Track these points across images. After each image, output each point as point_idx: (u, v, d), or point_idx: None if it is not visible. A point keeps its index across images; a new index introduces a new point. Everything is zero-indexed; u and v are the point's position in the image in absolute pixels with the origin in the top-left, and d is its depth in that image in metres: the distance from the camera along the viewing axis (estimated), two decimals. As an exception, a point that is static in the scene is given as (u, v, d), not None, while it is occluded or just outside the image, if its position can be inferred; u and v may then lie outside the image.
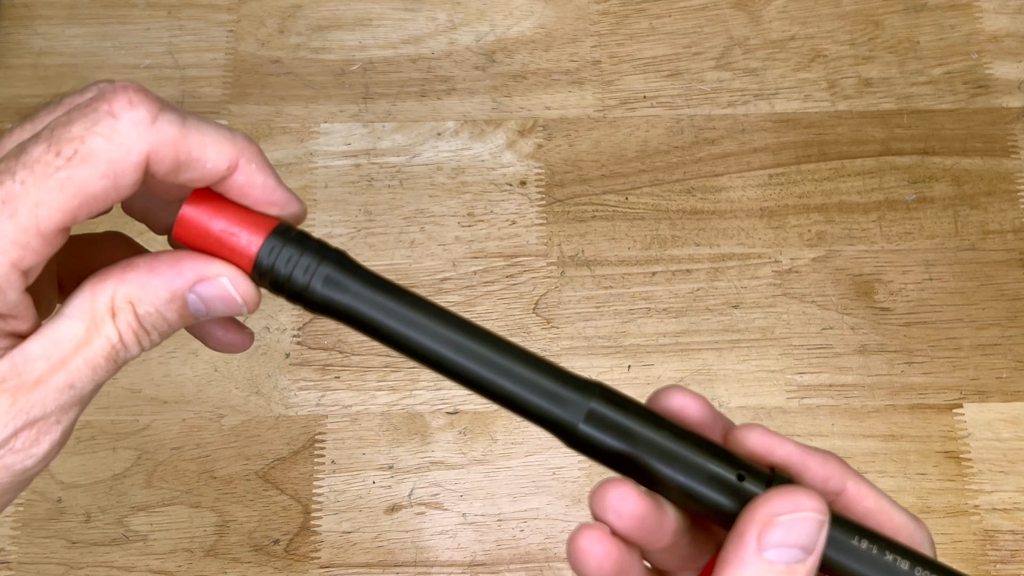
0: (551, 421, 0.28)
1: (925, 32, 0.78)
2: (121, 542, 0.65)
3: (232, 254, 0.28)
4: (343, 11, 0.79)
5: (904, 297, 0.71)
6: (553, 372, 0.28)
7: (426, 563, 0.65)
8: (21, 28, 0.79)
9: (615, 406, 0.28)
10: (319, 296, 0.28)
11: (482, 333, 0.28)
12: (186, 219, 0.28)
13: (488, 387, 0.28)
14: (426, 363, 0.28)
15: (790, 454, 0.30)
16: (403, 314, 0.28)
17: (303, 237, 0.28)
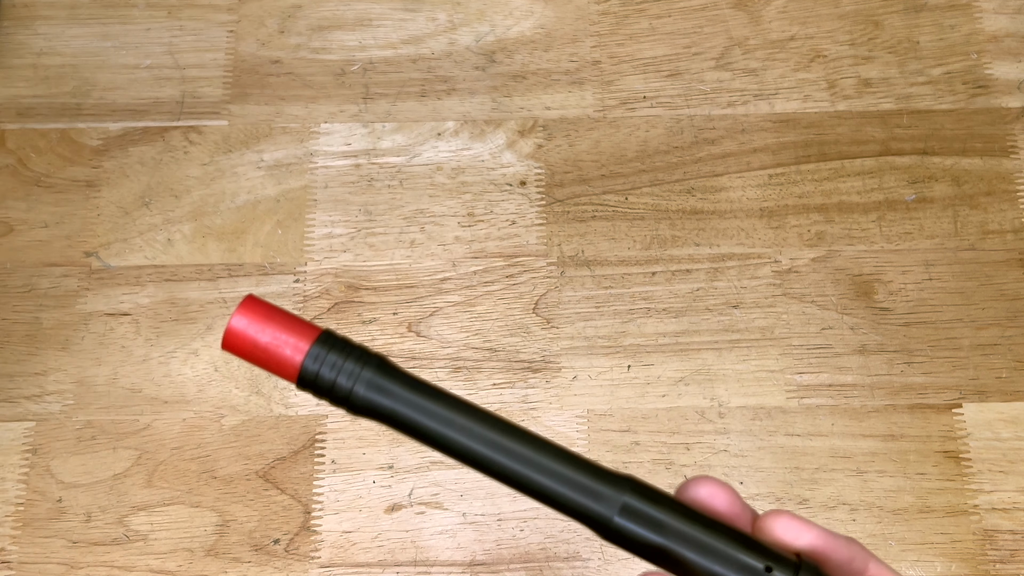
0: (587, 516, 0.29)
1: (925, 32, 0.78)
2: (121, 542, 0.65)
3: (279, 363, 0.29)
4: (343, 11, 0.79)
5: (904, 297, 0.71)
6: (587, 468, 0.29)
7: (426, 563, 0.65)
8: (22, 28, 0.79)
9: (647, 499, 0.29)
10: (362, 400, 0.29)
11: (519, 432, 0.30)
12: (235, 331, 0.29)
13: (527, 484, 0.29)
14: (466, 462, 0.30)
15: (815, 540, 0.31)
16: (443, 415, 0.29)
17: (346, 344, 0.30)
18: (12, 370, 0.69)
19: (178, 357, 0.69)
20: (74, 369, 0.69)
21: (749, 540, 0.29)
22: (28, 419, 0.68)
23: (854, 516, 0.65)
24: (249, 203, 0.73)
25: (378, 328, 0.70)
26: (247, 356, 0.29)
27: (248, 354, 0.29)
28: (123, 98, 0.77)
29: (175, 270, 0.72)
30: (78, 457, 0.67)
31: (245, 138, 0.75)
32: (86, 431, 0.68)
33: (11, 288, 0.71)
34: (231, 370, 0.69)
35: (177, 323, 0.70)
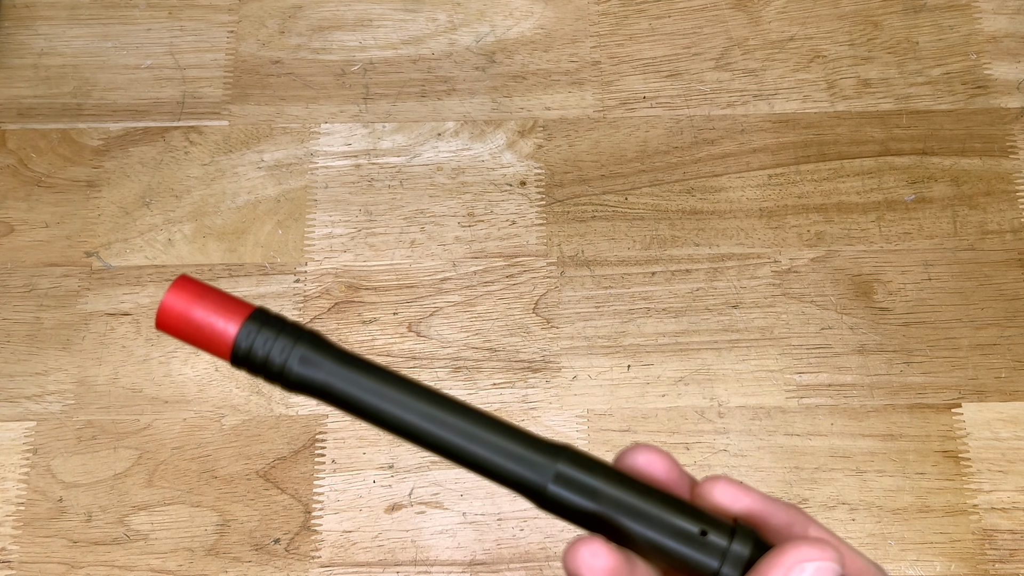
0: (522, 484, 0.29)
1: (924, 33, 0.78)
2: (122, 541, 0.65)
3: (212, 341, 0.29)
4: (344, 12, 0.79)
5: (903, 297, 0.71)
6: (522, 437, 0.29)
7: (426, 562, 0.65)
8: (22, 28, 0.79)
9: (582, 467, 0.29)
10: (295, 376, 0.29)
11: (452, 403, 0.30)
12: (167, 308, 0.29)
13: (462, 455, 0.29)
14: (400, 434, 0.30)
15: (753, 504, 0.31)
16: (376, 389, 0.29)
17: (280, 321, 0.30)
18: (13, 370, 0.69)
19: (179, 357, 0.69)
20: (75, 369, 0.69)
21: (685, 505, 0.29)
22: (29, 419, 0.68)
23: (853, 516, 0.65)
24: (249, 203, 0.73)
25: (378, 328, 0.70)
26: (181, 335, 0.29)
27: (182, 332, 0.29)
28: (124, 98, 0.77)
29: (176, 270, 0.72)
30: (79, 457, 0.67)
31: (246, 138, 0.75)
32: (87, 431, 0.68)
33: (12, 288, 0.71)
34: (231, 370, 0.69)
35: (178, 323, 0.70)
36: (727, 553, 0.28)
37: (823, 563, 0.28)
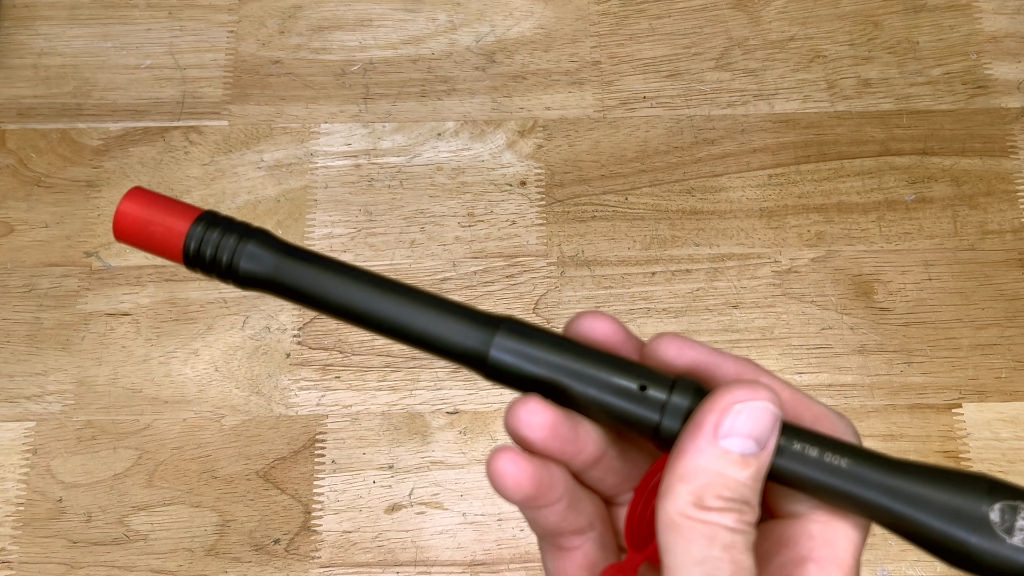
0: (465, 355, 0.30)
1: (924, 33, 0.78)
2: (122, 542, 0.65)
3: (164, 243, 0.31)
4: (343, 12, 0.79)
5: (903, 297, 0.71)
6: (463, 311, 0.30)
7: (426, 562, 0.65)
8: (22, 28, 0.79)
9: (522, 335, 0.30)
10: (243, 271, 0.31)
11: (394, 284, 0.31)
12: (123, 216, 0.31)
13: (405, 332, 0.30)
14: (347, 319, 0.31)
15: (699, 357, 0.31)
16: (321, 278, 0.31)
17: (228, 221, 0.31)
18: (12, 370, 0.69)
19: (178, 357, 0.69)
20: (74, 369, 0.69)
21: (625, 363, 0.30)
22: (29, 419, 0.68)
23: (854, 516, 0.65)
24: (249, 203, 0.73)
25: (378, 328, 0.70)
26: (136, 241, 0.31)
27: (137, 239, 0.31)
28: (124, 98, 0.77)
29: (175, 270, 0.71)
30: (78, 457, 0.67)
31: (245, 138, 0.75)
32: (86, 431, 0.68)
33: (12, 288, 0.71)
34: (231, 370, 0.69)
35: (177, 323, 0.70)
36: (666, 406, 0.28)
37: (757, 403, 0.28)
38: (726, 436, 0.27)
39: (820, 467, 0.29)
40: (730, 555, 0.27)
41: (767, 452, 0.28)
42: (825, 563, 0.29)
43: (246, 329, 0.70)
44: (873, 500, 0.29)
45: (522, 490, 0.29)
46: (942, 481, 0.29)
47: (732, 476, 0.27)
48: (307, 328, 0.70)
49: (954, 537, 0.28)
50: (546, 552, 0.32)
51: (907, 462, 0.29)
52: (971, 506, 0.28)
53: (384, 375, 0.69)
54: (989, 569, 0.28)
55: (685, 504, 0.27)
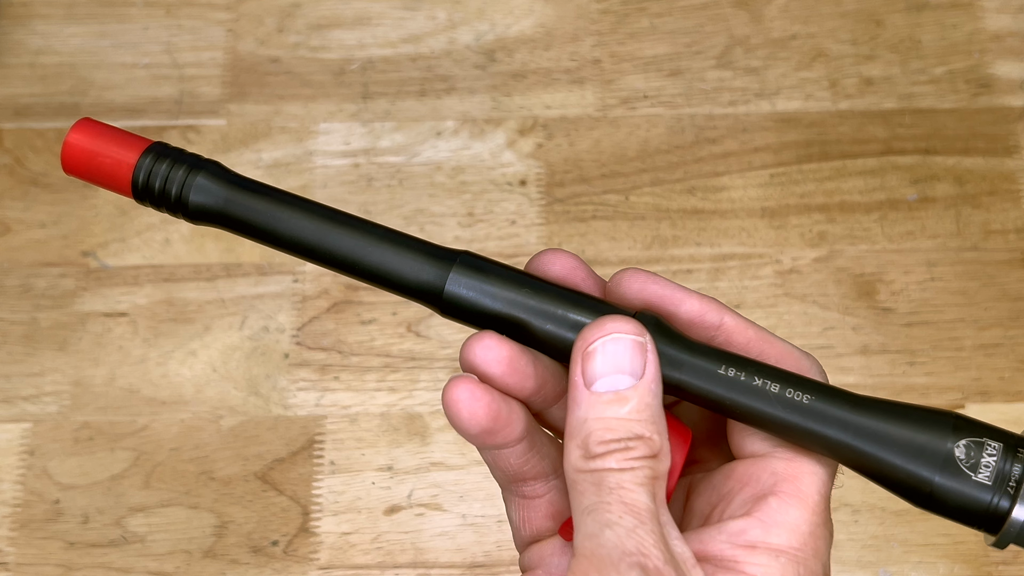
0: (417, 288, 0.29)
1: (927, 31, 0.78)
2: (119, 543, 0.65)
3: (112, 176, 0.30)
4: (342, 10, 0.79)
5: (906, 297, 0.70)
6: (419, 244, 0.30)
7: (425, 564, 0.64)
8: (19, 27, 0.78)
9: (478, 270, 0.29)
10: (192, 204, 0.30)
11: (348, 217, 0.30)
12: (70, 146, 0.30)
13: (357, 266, 0.30)
14: (299, 253, 0.30)
15: (662, 291, 0.30)
16: (272, 211, 0.30)
17: (178, 152, 0.30)
18: (9, 371, 0.69)
19: (176, 357, 0.69)
20: (71, 370, 0.69)
21: (586, 298, 0.29)
22: (25, 420, 0.68)
23: (856, 517, 0.65)
24: (247, 203, 0.73)
25: (377, 328, 0.70)
26: (85, 173, 0.30)
27: (85, 171, 0.30)
28: (121, 97, 0.76)
29: (173, 270, 0.71)
30: (75, 458, 0.67)
31: (244, 137, 0.75)
32: (83, 432, 0.67)
33: (8, 288, 0.71)
34: (229, 371, 0.69)
35: (175, 323, 0.70)
36: None
37: (609, 336, 0.27)
38: (592, 380, 0.27)
39: (781, 403, 0.28)
40: (616, 496, 0.26)
41: (648, 378, 0.27)
42: (787, 497, 0.28)
43: (244, 329, 0.70)
44: (834, 437, 0.28)
45: (478, 422, 0.28)
46: (906, 417, 0.28)
47: (611, 416, 0.26)
48: (306, 328, 0.70)
49: (917, 475, 0.27)
50: (510, 503, 0.32)
51: (871, 399, 0.28)
52: (935, 443, 0.27)
53: (383, 376, 0.69)
54: (953, 508, 0.27)
55: (577, 459, 0.27)
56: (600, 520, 0.26)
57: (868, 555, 0.64)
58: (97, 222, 0.72)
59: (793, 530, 0.27)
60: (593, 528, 0.26)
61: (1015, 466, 0.27)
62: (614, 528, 0.25)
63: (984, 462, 0.27)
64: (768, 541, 0.27)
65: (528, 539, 0.31)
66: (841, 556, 0.64)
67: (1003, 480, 0.27)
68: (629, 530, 0.25)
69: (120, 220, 0.73)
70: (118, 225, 0.72)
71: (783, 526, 0.27)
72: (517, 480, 0.31)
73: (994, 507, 0.27)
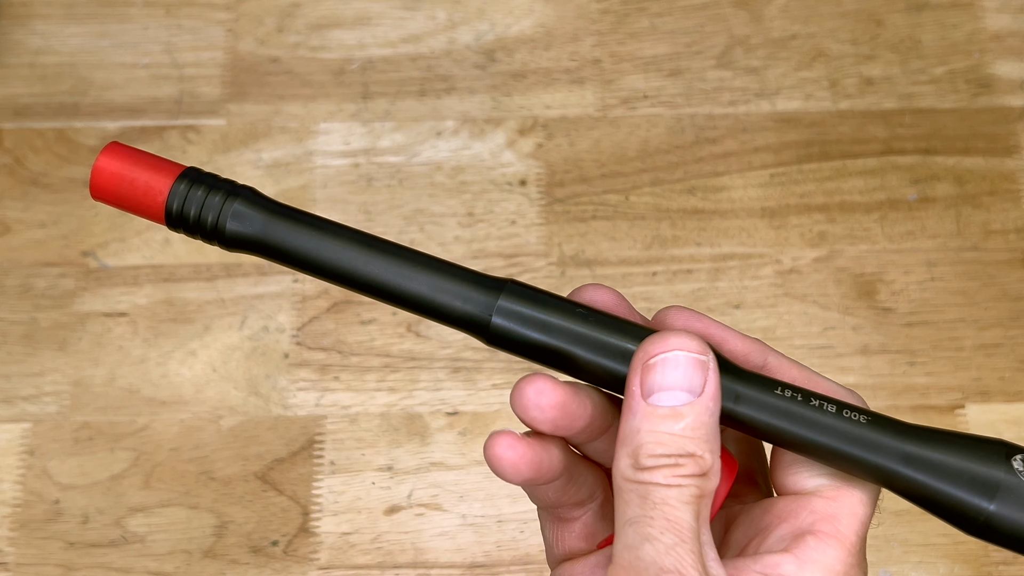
0: (464, 319, 0.29)
1: (927, 31, 0.78)
2: (119, 543, 0.65)
3: (144, 203, 0.29)
4: (342, 9, 0.79)
5: (906, 297, 0.70)
6: (464, 273, 0.29)
7: (425, 564, 0.64)
8: (18, 27, 0.78)
9: (525, 298, 0.29)
10: (229, 232, 0.29)
11: (391, 246, 0.29)
12: (101, 173, 0.29)
13: (403, 296, 0.29)
14: (342, 282, 0.29)
15: (706, 331, 0.30)
16: (313, 239, 0.29)
17: (212, 178, 0.29)
18: (9, 371, 0.69)
19: (176, 357, 0.69)
20: (71, 370, 0.69)
21: (632, 327, 0.29)
22: (25, 420, 0.68)
23: (856, 518, 0.65)
24: (247, 203, 0.73)
25: (377, 328, 0.70)
26: (115, 200, 0.29)
27: (115, 198, 0.29)
28: (121, 97, 0.76)
29: (173, 270, 0.71)
30: (75, 458, 0.67)
31: (243, 137, 0.75)
32: (83, 432, 0.67)
33: (8, 288, 0.71)
34: (229, 371, 0.69)
35: (175, 323, 0.70)
36: None
37: (671, 352, 0.27)
38: (651, 393, 0.27)
39: (835, 431, 0.28)
40: (660, 511, 0.26)
41: (706, 397, 0.27)
42: (825, 537, 0.28)
43: (244, 329, 0.70)
44: (888, 465, 0.28)
45: (520, 475, 0.28)
46: (959, 445, 0.28)
47: (664, 431, 0.26)
48: (305, 328, 0.70)
49: (971, 504, 0.27)
50: (545, 521, 0.32)
51: (922, 427, 0.28)
52: (989, 471, 0.27)
53: (383, 376, 0.69)
54: (1008, 536, 0.27)
55: (626, 467, 0.27)
56: (641, 533, 0.26)
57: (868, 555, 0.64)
58: (97, 222, 0.72)
59: (827, 569, 0.28)
60: (634, 540, 0.26)
61: None
62: (654, 543, 0.25)
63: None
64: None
65: (561, 557, 0.32)
66: (841, 556, 0.64)
67: None
68: (669, 547, 0.25)
69: (120, 220, 0.72)
70: (118, 225, 0.72)
71: (818, 564, 0.28)
72: (554, 507, 0.31)
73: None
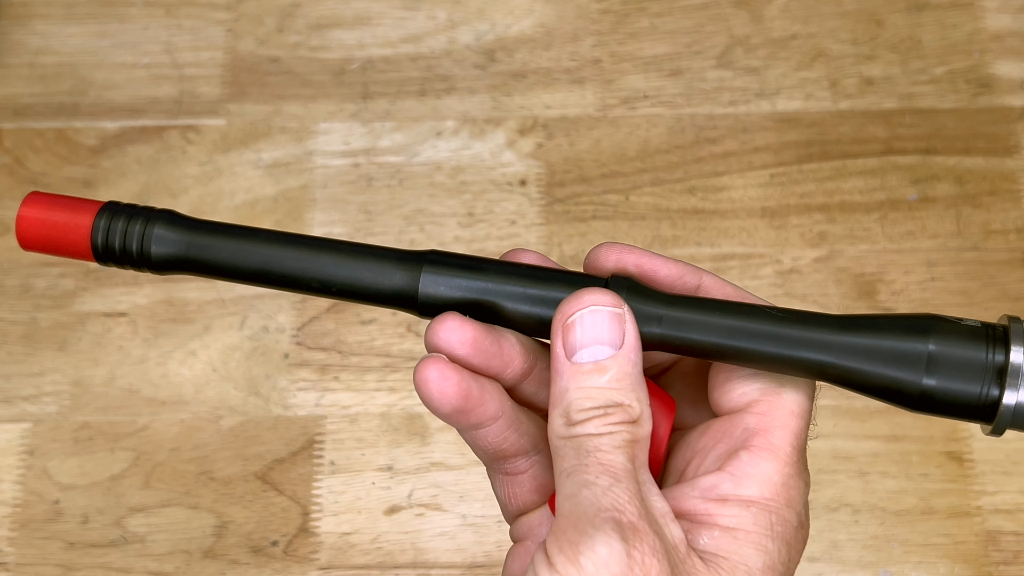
0: (393, 296, 0.30)
1: (927, 31, 0.78)
2: (119, 543, 0.65)
3: (70, 244, 0.30)
4: (342, 9, 0.79)
5: (906, 297, 0.70)
6: (384, 253, 0.30)
7: (425, 564, 0.64)
8: (18, 27, 0.78)
9: (447, 265, 0.30)
10: (155, 256, 0.30)
11: (313, 240, 0.30)
12: (24, 221, 0.30)
13: (329, 285, 0.30)
14: (273, 284, 0.30)
15: (638, 260, 0.31)
16: (236, 249, 0.30)
17: (130, 208, 0.30)
18: (9, 371, 0.69)
19: (176, 358, 0.69)
20: (71, 370, 0.69)
21: (555, 273, 0.30)
22: (25, 420, 0.68)
23: (856, 518, 0.65)
24: (247, 203, 0.73)
25: (377, 328, 0.70)
26: (43, 246, 0.30)
27: (43, 244, 0.30)
28: (120, 97, 0.76)
29: (173, 270, 0.71)
30: (75, 458, 0.67)
31: (243, 137, 0.75)
32: (83, 432, 0.67)
33: (8, 288, 0.71)
34: (229, 371, 0.69)
35: (175, 323, 0.70)
36: None
37: (587, 309, 0.28)
38: (573, 351, 0.28)
39: (764, 335, 0.28)
40: (594, 458, 0.27)
41: (627, 348, 0.28)
42: (758, 451, 0.29)
43: (244, 329, 0.70)
44: (819, 358, 0.28)
45: (448, 401, 0.28)
46: (887, 328, 0.29)
47: (591, 385, 0.27)
48: (305, 328, 0.70)
49: (907, 381, 0.28)
50: (495, 480, 0.32)
51: (850, 316, 0.29)
52: (917, 347, 0.28)
53: (383, 376, 0.69)
54: (945, 405, 0.28)
55: (560, 427, 0.28)
56: (578, 480, 0.27)
57: (868, 555, 0.64)
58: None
59: (764, 481, 0.28)
60: (572, 489, 0.27)
61: (997, 355, 0.28)
62: (591, 487, 0.26)
63: (964, 357, 0.28)
64: (739, 493, 0.28)
65: (516, 512, 0.32)
66: (841, 556, 0.64)
67: (988, 370, 0.28)
68: (605, 488, 0.26)
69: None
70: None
71: (753, 478, 0.28)
72: (498, 458, 0.31)
73: (985, 396, 0.27)
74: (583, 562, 0.25)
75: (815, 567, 0.64)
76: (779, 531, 0.28)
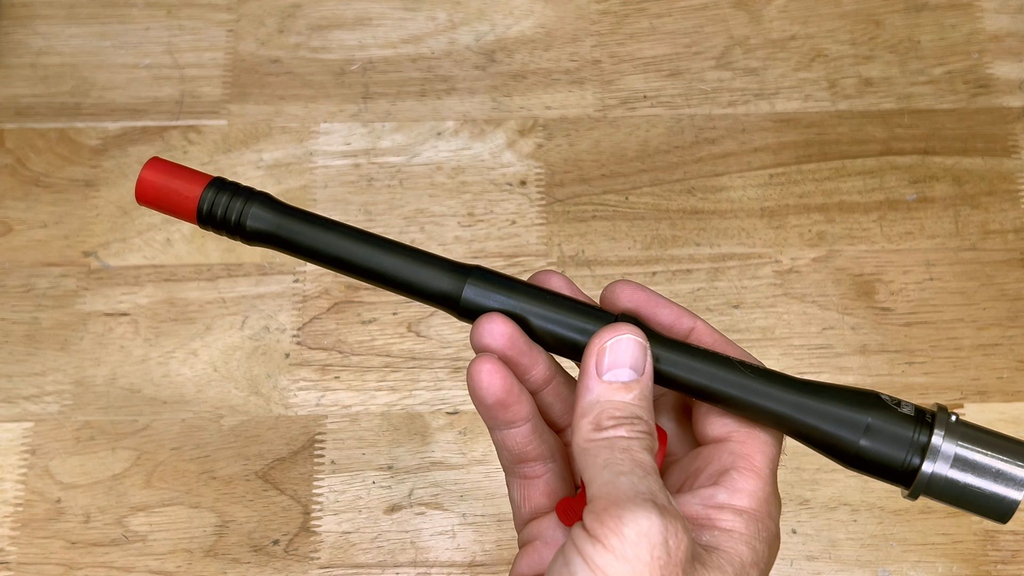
0: (439, 296, 0.36)
1: (926, 32, 0.78)
2: (120, 542, 0.65)
3: (180, 206, 0.36)
4: (343, 10, 0.79)
5: (905, 297, 0.71)
6: (439, 260, 0.36)
7: (426, 563, 0.65)
8: (20, 27, 0.78)
9: (490, 279, 0.36)
10: (249, 228, 0.36)
11: (377, 238, 0.36)
12: (143, 183, 0.36)
13: (387, 277, 0.36)
14: (338, 267, 0.36)
15: (645, 299, 0.37)
16: (318, 234, 0.36)
17: (235, 185, 0.37)
18: (10, 370, 0.69)
19: (177, 357, 0.69)
20: (73, 369, 0.69)
21: (576, 304, 0.36)
22: (27, 419, 0.68)
23: (855, 517, 0.65)
24: (248, 203, 0.73)
25: (378, 328, 0.70)
26: (155, 204, 0.37)
27: (156, 202, 0.37)
28: (122, 97, 0.76)
29: (174, 270, 0.71)
30: (77, 458, 0.67)
31: (244, 138, 0.75)
32: (85, 431, 0.67)
33: (9, 288, 0.71)
34: (230, 370, 0.69)
35: (176, 323, 0.70)
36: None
37: (622, 337, 0.34)
38: (607, 371, 0.33)
39: (738, 386, 0.35)
40: (628, 455, 0.32)
41: (647, 376, 0.34)
42: (744, 471, 0.35)
43: (245, 329, 0.70)
44: (780, 411, 0.35)
45: (495, 392, 0.34)
46: (838, 396, 0.35)
47: (619, 400, 0.33)
48: (306, 328, 0.70)
49: (846, 440, 0.34)
50: (512, 483, 0.38)
51: (810, 381, 0.36)
52: (859, 416, 0.34)
53: (384, 375, 0.69)
54: (874, 465, 0.34)
55: (588, 431, 0.33)
56: (615, 471, 0.31)
57: (867, 554, 0.64)
58: (98, 222, 0.73)
59: (751, 495, 0.34)
60: (609, 477, 0.31)
61: (922, 436, 0.34)
62: (628, 476, 0.31)
63: (896, 431, 0.34)
64: (733, 503, 0.34)
65: (528, 516, 0.38)
66: (840, 555, 0.64)
67: (914, 444, 0.34)
68: (641, 477, 0.31)
69: (121, 220, 0.73)
70: (119, 225, 0.73)
71: (743, 492, 0.34)
72: (520, 460, 0.37)
73: (907, 464, 0.34)
74: (627, 532, 0.29)
75: (813, 566, 0.64)
76: (763, 536, 0.34)
